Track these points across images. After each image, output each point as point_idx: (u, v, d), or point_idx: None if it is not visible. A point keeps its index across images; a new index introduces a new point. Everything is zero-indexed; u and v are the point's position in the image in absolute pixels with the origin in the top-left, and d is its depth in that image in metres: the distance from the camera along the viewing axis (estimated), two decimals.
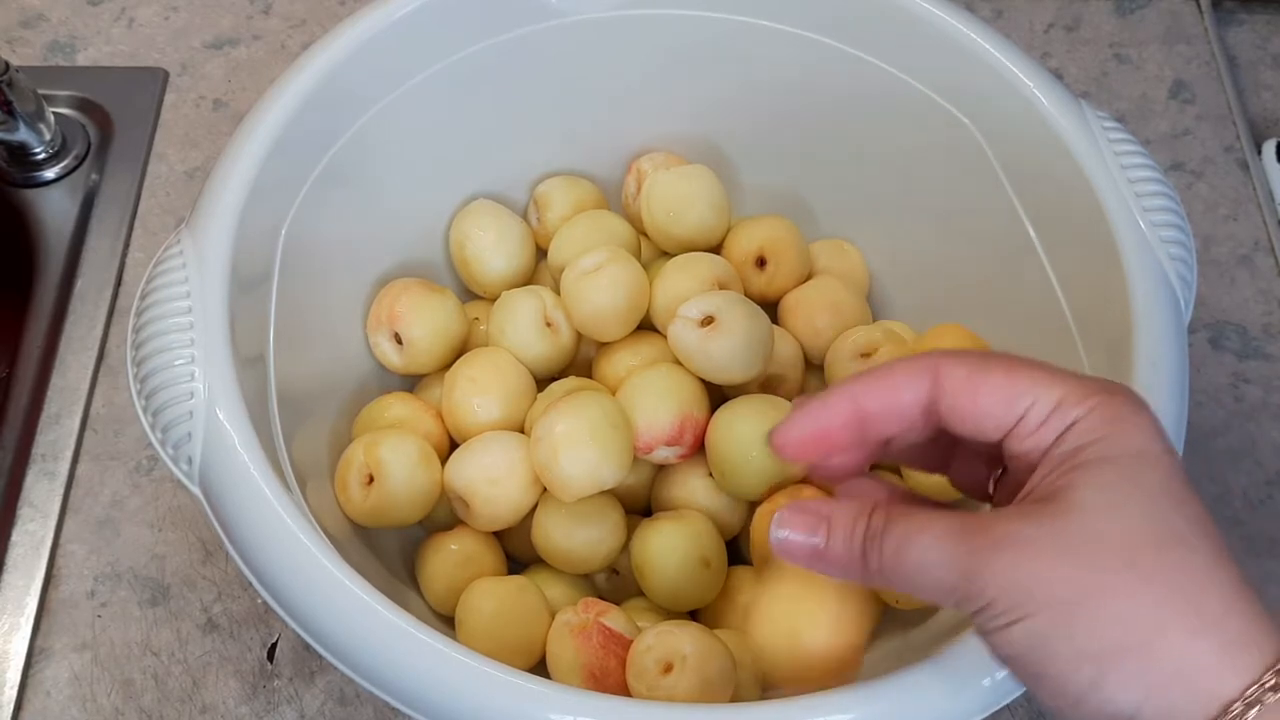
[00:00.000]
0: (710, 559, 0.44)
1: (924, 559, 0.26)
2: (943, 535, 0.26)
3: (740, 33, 0.49)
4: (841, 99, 0.50)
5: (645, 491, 0.48)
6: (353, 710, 0.48)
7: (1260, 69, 0.69)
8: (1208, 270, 0.61)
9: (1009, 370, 0.28)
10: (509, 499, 0.44)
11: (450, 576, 0.45)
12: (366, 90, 0.45)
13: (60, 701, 0.48)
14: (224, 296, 0.37)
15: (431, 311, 0.48)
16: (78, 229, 0.60)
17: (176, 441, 0.36)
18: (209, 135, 0.64)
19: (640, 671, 0.39)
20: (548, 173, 0.55)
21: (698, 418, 0.45)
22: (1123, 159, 0.41)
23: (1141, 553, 0.25)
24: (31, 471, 0.53)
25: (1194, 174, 0.65)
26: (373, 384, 0.50)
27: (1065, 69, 0.68)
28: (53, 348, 0.56)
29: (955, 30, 0.44)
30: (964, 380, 0.28)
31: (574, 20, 0.49)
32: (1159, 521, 0.25)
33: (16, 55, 0.67)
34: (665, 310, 0.48)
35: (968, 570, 0.26)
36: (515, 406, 0.47)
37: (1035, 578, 0.25)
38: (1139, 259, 0.39)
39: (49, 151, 0.61)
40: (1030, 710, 0.49)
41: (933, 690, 0.31)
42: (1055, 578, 0.25)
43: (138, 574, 0.51)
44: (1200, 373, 0.58)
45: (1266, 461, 0.56)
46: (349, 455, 0.44)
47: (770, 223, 0.52)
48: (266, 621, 0.50)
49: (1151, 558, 0.25)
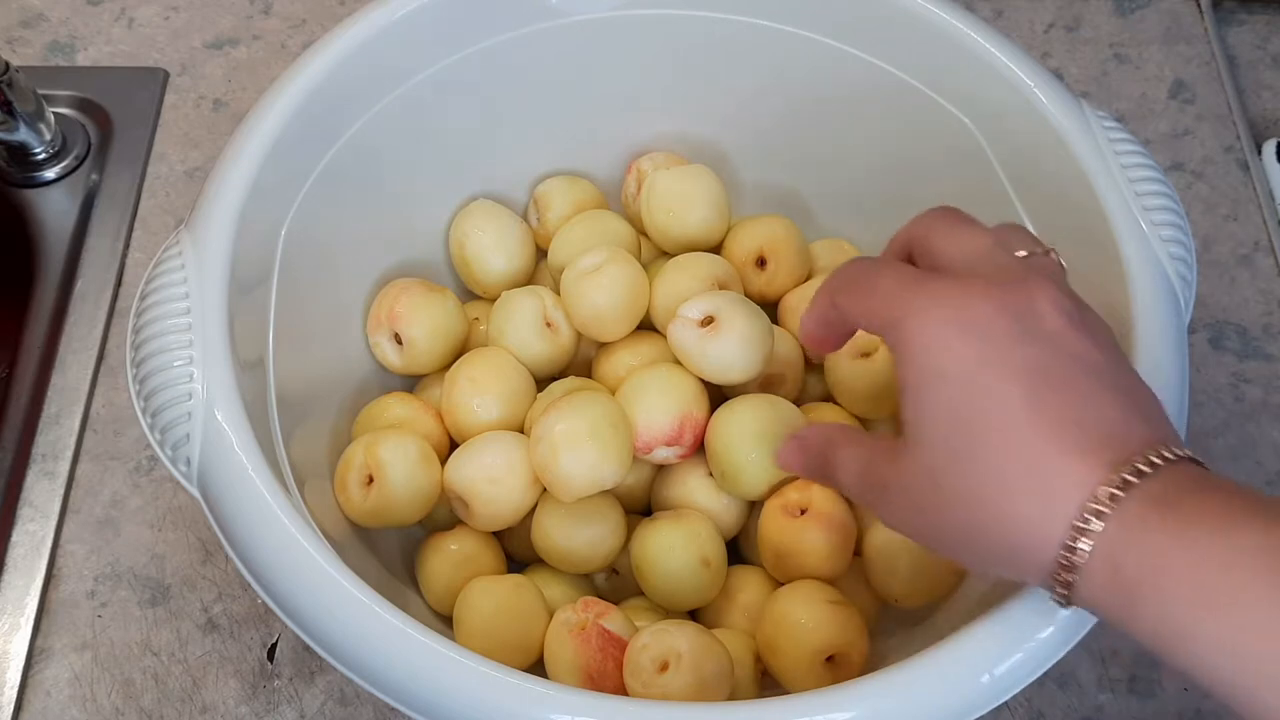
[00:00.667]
0: (710, 559, 0.44)
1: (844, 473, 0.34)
2: (857, 464, 0.34)
3: (740, 33, 0.49)
4: (842, 99, 0.50)
5: (645, 491, 0.48)
6: (353, 710, 0.48)
7: (1260, 69, 0.69)
8: (1208, 270, 0.61)
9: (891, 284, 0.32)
10: (509, 499, 0.44)
11: (450, 577, 0.45)
12: (366, 90, 0.45)
13: (60, 701, 0.48)
14: (223, 297, 0.37)
15: (431, 311, 0.48)
16: (78, 229, 0.60)
17: (175, 442, 0.36)
18: (209, 135, 0.64)
19: (636, 669, 0.39)
20: (548, 173, 0.55)
21: (698, 418, 0.45)
22: (1123, 159, 0.41)
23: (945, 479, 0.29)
24: (31, 471, 0.53)
25: (1194, 174, 0.65)
26: (373, 384, 0.50)
27: (1065, 69, 0.68)
28: (53, 348, 0.56)
29: (955, 30, 0.44)
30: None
31: (574, 20, 0.49)
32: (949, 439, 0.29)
33: (16, 55, 0.67)
34: (665, 310, 0.48)
35: (875, 512, 0.33)
36: (515, 406, 0.47)
37: (899, 521, 0.32)
38: (1139, 259, 0.39)
39: (49, 151, 0.61)
40: (1030, 710, 0.49)
41: (932, 688, 0.31)
42: (904, 519, 0.32)
43: (138, 574, 0.51)
44: (1200, 373, 0.58)
45: (1266, 461, 0.56)
46: (349, 455, 0.44)
47: (770, 223, 0.52)
48: (266, 621, 0.50)
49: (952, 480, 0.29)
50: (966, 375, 0.29)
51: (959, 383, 0.29)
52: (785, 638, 0.41)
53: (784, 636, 0.41)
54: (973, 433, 0.29)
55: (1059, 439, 0.28)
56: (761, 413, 0.44)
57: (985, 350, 0.29)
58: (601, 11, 0.48)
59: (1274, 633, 0.24)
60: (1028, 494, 0.28)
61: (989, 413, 0.28)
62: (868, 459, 0.33)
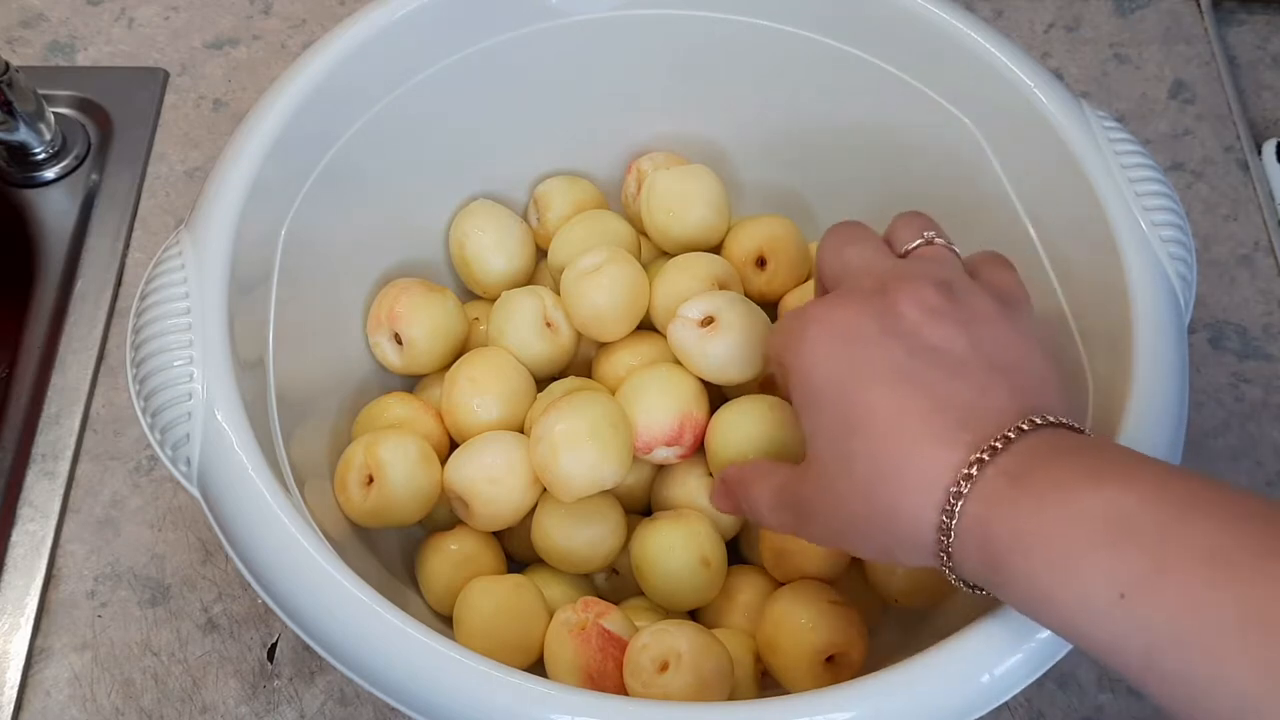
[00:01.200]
0: (710, 559, 0.44)
1: (759, 506, 0.36)
2: (770, 493, 0.36)
3: (740, 33, 0.49)
4: (841, 98, 0.50)
5: (645, 491, 0.48)
6: (353, 710, 0.48)
7: (1260, 69, 0.69)
8: (1208, 270, 0.61)
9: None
10: (509, 499, 0.44)
11: (450, 577, 0.45)
12: (366, 90, 0.45)
13: (60, 701, 0.48)
14: (223, 297, 0.37)
15: (431, 311, 0.48)
16: (78, 229, 0.60)
17: (175, 442, 0.36)
18: (209, 135, 0.64)
19: (636, 669, 0.39)
20: (548, 173, 0.55)
21: (698, 418, 0.45)
22: (1123, 159, 0.41)
23: (837, 481, 0.31)
24: (31, 471, 0.53)
25: (1194, 174, 0.65)
26: (373, 384, 0.50)
27: (1065, 69, 0.68)
28: (53, 348, 0.56)
29: (955, 30, 0.44)
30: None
31: (574, 20, 0.49)
32: (835, 445, 0.32)
33: (16, 55, 0.67)
34: (665, 310, 0.48)
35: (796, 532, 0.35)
36: (515, 406, 0.47)
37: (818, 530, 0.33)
38: (1139, 259, 0.39)
39: (49, 151, 0.61)
40: (1030, 710, 0.49)
41: (931, 688, 0.31)
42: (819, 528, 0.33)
43: (138, 574, 0.51)
44: (1200, 373, 0.58)
45: (1266, 461, 0.56)
46: (349, 455, 0.44)
47: (770, 223, 0.52)
48: (266, 621, 0.50)
49: (845, 482, 0.31)
50: (838, 383, 0.32)
51: (833, 392, 0.32)
52: (785, 637, 0.41)
53: (784, 636, 0.41)
54: (851, 435, 0.31)
55: (920, 428, 0.30)
56: (761, 413, 0.44)
57: (854, 356, 0.32)
58: (601, 11, 0.48)
59: (1112, 595, 0.25)
60: (900, 484, 0.30)
61: (860, 415, 0.31)
62: (779, 486, 0.35)
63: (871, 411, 0.31)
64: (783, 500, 0.35)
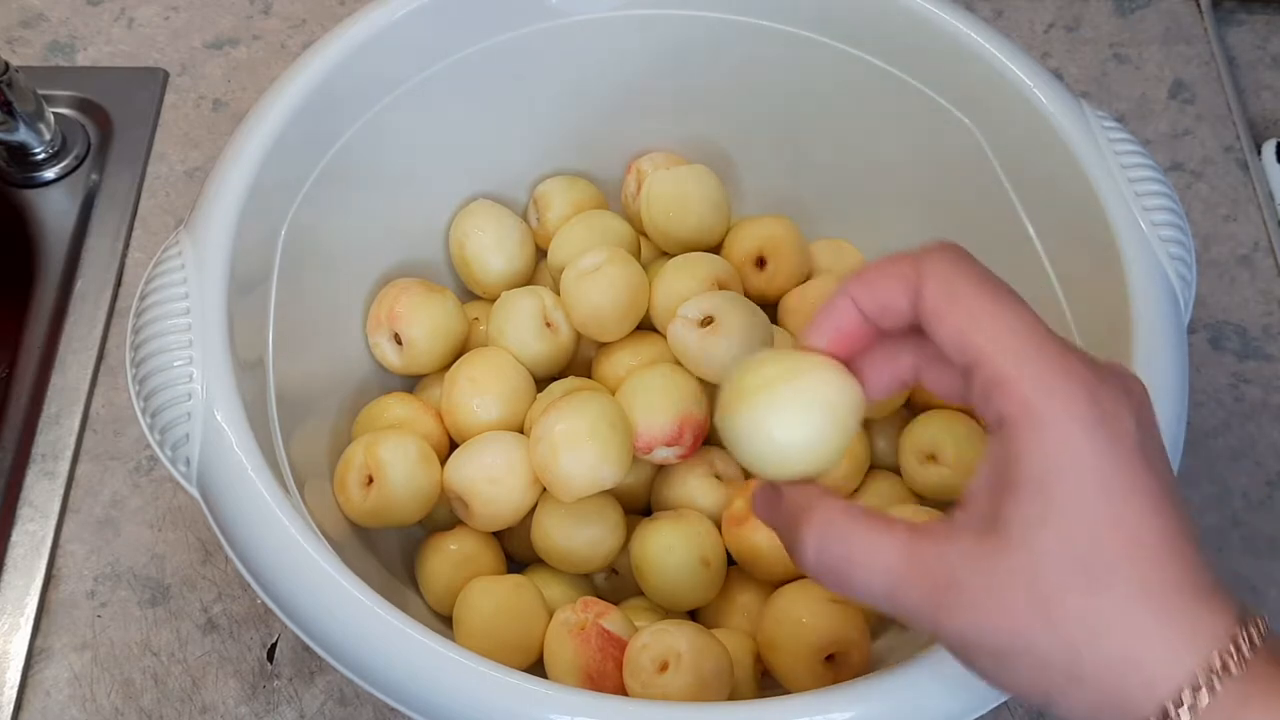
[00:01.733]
0: (710, 559, 0.44)
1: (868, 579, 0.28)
2: (889, 568, 0.27)
3: (740, 32, 0.49)
4: (841, 99, 0.50)
5: (645, 491, 0.48)
6: (353, 710, 0.48)
7: (1260, 69, 0.69)
8: (1208, 270, 0.61)
9: (970, 314, 0.27)
10: (509, 499, 0.44)
11: (450, 577, 0.45)
12: (366, 90, 0.45)
13: (60, 701, 0.48)
14: (223, 297, 0.37)
15: (431, 311, 0.48)
16: (78, 229, 0.60)
17: (175, 443, 0.36)
18: (209, 135, 0.64)
19: (636, 669, 0.39)
20: (548, 173, 0.55)
21: (697, 418, 0.45)
22: (1123, 159, 0.41)
23: (1064, 595, 0.25)
24: (31, 471, 0.53)
25: (1194, 174, 0.65)
26: (373, 384, 0.50)
27: (1065, 69, 0.68)
28: (53, 348, 0.56)
29: (955, 30, 0.44)
30: (936, 303, 0.28)
31: (574, 20, 0.49)
32: (1080, 552, 0.25)
33: (16, 55, 0.67)
34: (665, 310, 0.48)
35: (923, 617, 0.27)
36: (515, 406, 0.47)
37: (978, 630, 0.26)
38: (1139, 259, 0.39)
39: (49, 151, 0.61)
40: (1030, 710, 0.49)
41: (932, 688, 0.31)
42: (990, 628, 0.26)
43: (138, 574, 0.51)
44: (1200, 373, 0.58)
45: (1266, 461, 0.56)
46: (349, 456, 0.44)
47: (770, 223, 0.52)
48: (266, 621, 0.50)
49: (1077, 599, 0.25)
50: (1100, 484, 0.25)
51: (1093, 492, 0.25)
52: (785, 635, 0.41)
53: (784, 634, 0.41)
54: (1103, 552, 0.25)
55: (1193, 578, 0.25)
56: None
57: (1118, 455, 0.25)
58: (601, 11, 0.48)
59: None
60: (1153, 635, 0.25)
61: (1125, 533, 0.25)
62: (911, 549, 0.27)
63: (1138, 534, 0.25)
64: (925, 574, 0.27)
